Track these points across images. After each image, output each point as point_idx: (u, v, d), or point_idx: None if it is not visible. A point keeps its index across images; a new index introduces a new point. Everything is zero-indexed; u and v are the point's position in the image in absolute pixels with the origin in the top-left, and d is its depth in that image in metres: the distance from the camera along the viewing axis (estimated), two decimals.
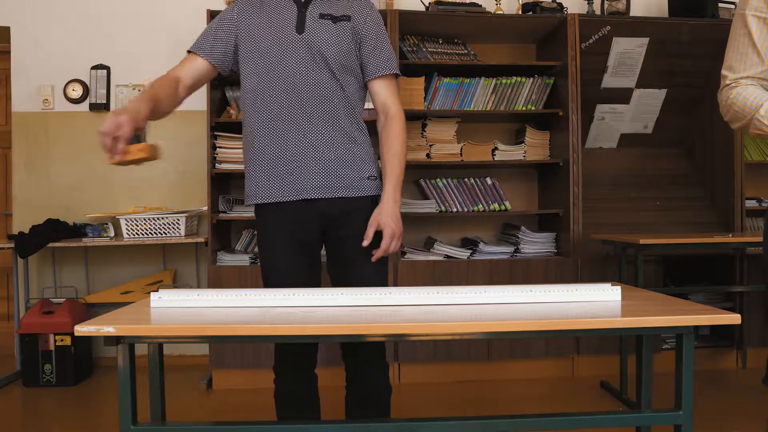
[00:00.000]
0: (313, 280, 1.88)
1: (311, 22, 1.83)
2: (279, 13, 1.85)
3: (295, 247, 1.85)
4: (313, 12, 1.85)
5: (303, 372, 1.91)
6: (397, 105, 1.94)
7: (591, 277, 3.54)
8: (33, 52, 3.91)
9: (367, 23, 1.90)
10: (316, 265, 1.92)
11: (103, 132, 1.50)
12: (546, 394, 3.36)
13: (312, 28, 1.83)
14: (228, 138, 3.50)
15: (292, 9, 1.85)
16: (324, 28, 1.84)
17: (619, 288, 1.52)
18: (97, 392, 3.44)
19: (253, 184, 1.89)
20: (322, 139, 1.84)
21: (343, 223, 1.87)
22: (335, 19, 1.85)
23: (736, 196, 3.72)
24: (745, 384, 3.47)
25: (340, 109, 1.86)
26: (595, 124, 3.93)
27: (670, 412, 1.39)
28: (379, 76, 1.92)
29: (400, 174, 1.88)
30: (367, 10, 1.92)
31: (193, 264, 3.96)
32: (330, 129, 1.85)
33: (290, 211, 1.84)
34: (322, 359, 3.19)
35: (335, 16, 1.86)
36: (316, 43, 1.82)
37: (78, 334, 1.26)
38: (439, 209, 3.71)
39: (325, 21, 1.84)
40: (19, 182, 3.94)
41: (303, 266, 1.87)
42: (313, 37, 1.82)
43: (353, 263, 1.88)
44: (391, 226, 1.80)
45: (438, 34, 3.78)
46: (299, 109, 1.82)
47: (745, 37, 1.53)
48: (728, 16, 3.72)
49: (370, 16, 1.92)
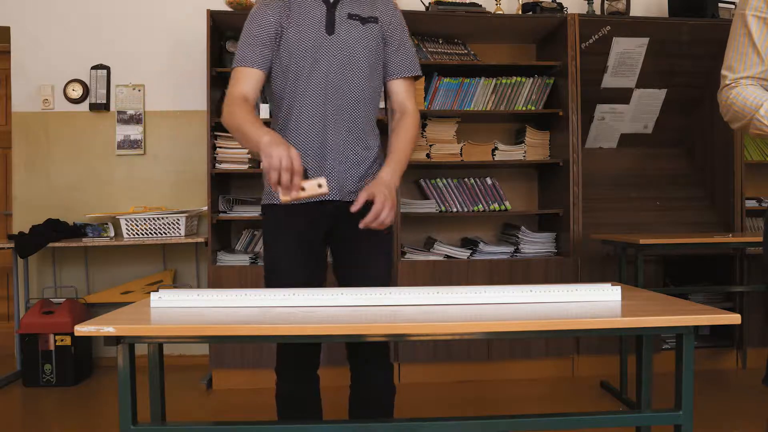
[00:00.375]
0: (314, 280, 1.86)
1: (340, 23, 1.83)
2: (309, 13, 1.84)
3: (301, 246, 1.85)
4: (342, 12, 1.84)
5: (304, 372, 1.90)
6: (414, 106, 1.94)
7: (591, 277, 3.54)
8: (33, 52, 3.91)
9: (392, 23, 1.90)
10: (321, 264, 1.92)
11: (284, 168, 1.52)
12: (546, 394, 3.36)
13: (342, 29, 1.83)
14: (228, 138, 3.50)
15: (321, 8, 1.84)
16: (353, 29, 1.84)
17: (619, 288, 1.52)
18: (97, 392, 3.44)
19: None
20: (345, 142, 1.86)
21: (351, 224, 1.86)
22: (363, 20, 1.86)
23: (736, 196, 3.72)
24: (745, 384, 3.46)
25: (362, 112, 1.88)
26: (595, 124, 3.93)
27: (670, 412, 1.39)
28: (401, 77, 1.92)
29: (404, 160, 1.85)
30: (391, 11, 1.92)
31: (193, 264, 3.96)
32: (350, 132, 1.86)
33: (301, 211, 1.84)
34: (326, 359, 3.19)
35: (363, 17, 1.86)
36: (346, 44, 1.83)
37: (78, 334, 1.26)
38: (439, 209, 3.71)
39: (353, 21, 1.84)
40: (19, 182, 3.94)
41: (306, 265, 1.86)
42: (343, 39, 1.83)
43: (360, 264, 1.87)
44: (383, 192, 1.71)
45: (438, 34, 3.78)
46: (327, 109, 1.83)
47: (745, 37, 1.53)
48: (728, 16, 3.72)
49: (395, 16, 1.92)
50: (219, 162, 3.52)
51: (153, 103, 3.95)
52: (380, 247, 1.89)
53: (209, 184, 3.46)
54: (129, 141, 3.95)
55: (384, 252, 1.91)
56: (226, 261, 3.50)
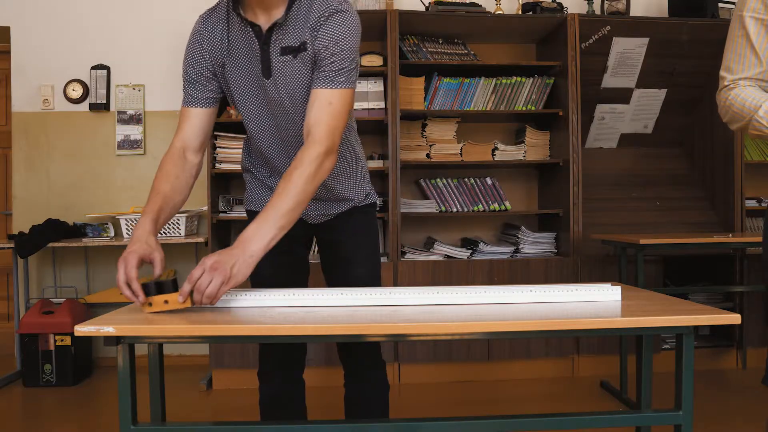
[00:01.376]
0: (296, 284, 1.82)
1: (275, 62, 1.66)
2: (243, 53, 1.68)
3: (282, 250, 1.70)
4: (275, 48, 1.65)
5: (289, 374, 1.88)
6: (326, 128, 1.57)
7: (591, 277, 3.54)
8: (33, 52, 3.91)
9: (318, 40, 1.62)
10: (303, 268, 1.92)
11: (119, 285, 1.40)
12: (546, 394, 3.35)
13: (276, 70, 1.67)
14: (228, 138, 3.51)
15: (254, 45, 1.66)
16: (288, 67, 1.65)
17: (619, 288, 1.52)
18: (97, 392, 3.44)
19: (250, 192, 1.92)
20: None
21: (335, 228, 1.87)
22: (295, 53, 1.64)
23: (736, 196, 3.72)
24: (745, 384, 3.46)
25: None
26: (595, 124, 3.93)
27: (670, 412, 1.39)
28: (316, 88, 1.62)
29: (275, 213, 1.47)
30: (322, 20, 1.61)
31: (193, 264, 3.96)
32: None
33: None
34: (321, 359, 3.19)
35: (294, 48, 1.64)
36: (284, 87, 1.68)
37: (78, 334, 1.26)
38: (439, 209, 3.71)
39: (287, 58, 1.66)
40: (19, 182, 3.94)
41: (287, 268, 1.85)
42: (279, 82, 1.67)
43: (346, 266, 1.87)
44: (214, 258, 1.40)
45: (438, 34, 3.78)
46: (283, 146, 1.78)
47: (743, 39, 1.53)
48: (728, 16, 3.72)
49: (323, 29, 1.61)
50: (219, 162, 3.52)
51: (153, 103, 3.95)
52: (366, 247, 1.90)
53: (209, 184, 3.47)
54: (129, 141, 3.95)
55: (370, 251, 1.91)
56: None
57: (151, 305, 1.40)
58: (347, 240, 1.88)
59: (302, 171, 1.51)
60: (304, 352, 1.91)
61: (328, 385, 2.15)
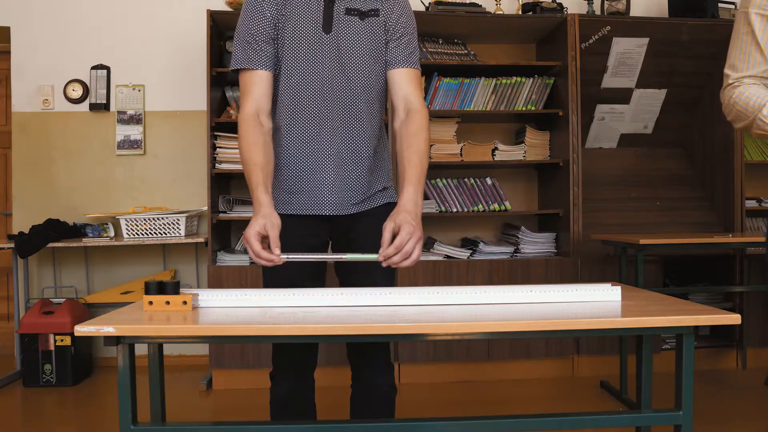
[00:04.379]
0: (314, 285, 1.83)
1: (338, 20, 1.72)
2: (305, 8, 1.73)
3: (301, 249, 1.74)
4: (340, 7, 1.72)
5: (302, 375, 1.87)
6: (421, 100, 1.77)
7: (591, 277, 3.54)
8: (33, 52, 3.91)
9: (394, 12, 1.75)
10: (320, 269, 1.89)
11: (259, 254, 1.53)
12: (546, 394, 3.36)
13: (339, 27, 1.72)
14: (228, 138, 3.50)
15: (318, 2, 1.72)
16: (352, 25, 1.73)
17: (619, 288, 1.52)
18: (97, 392, 3.44)
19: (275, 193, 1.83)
20: (343, 150, 1.76)
21: (352, 228, 1.84)
22: (363, 15, 1.74)
23: (736, 196, 3.72)
24: (745, 384, 3.46)
25: (363, 116, 1.77)
26: (595, 124, 3.93)
27: (670, 412, 1.39)
28: (403, 67, 1.76)
29: (422, 175, 1.68)
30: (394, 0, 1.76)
31: (193, 264, 3.96)
32: (351, 139, 1.77)
33: (300, 223, 1.79)
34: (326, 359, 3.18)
35: (363, 11, 1.73)
36: (343, 44, 1.72)
37: (78, 334, 1.26)
38: (439, 209, 3.71)
39: (352, 17, 1.73)
40: (19, 182, 3.93)
41: (306, 270, 1.84)
42: (340, 38, 1.72)
43: (362, 269, 1.80)
44: (410, 223, 1.55)
45: (438, 34, 3.78)
46: (324, 114, 1.74)
47: (748, 36, 1.51)
48: (728, 16, 3.73)
49: (398, 4, 1.77)
50: (219, 162, 3.52)
51: (153, 103, 3.95)
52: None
53: (209, 184, 3.46)
54: (129, 141, 3.94)
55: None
56: (226, 261, 3.50)
57: (152, 304, 1.43)
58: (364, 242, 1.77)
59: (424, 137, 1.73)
60: (315, 351, 1.88)
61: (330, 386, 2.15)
